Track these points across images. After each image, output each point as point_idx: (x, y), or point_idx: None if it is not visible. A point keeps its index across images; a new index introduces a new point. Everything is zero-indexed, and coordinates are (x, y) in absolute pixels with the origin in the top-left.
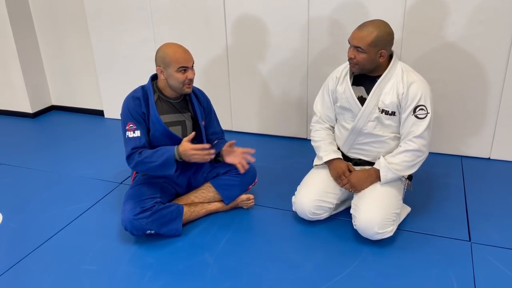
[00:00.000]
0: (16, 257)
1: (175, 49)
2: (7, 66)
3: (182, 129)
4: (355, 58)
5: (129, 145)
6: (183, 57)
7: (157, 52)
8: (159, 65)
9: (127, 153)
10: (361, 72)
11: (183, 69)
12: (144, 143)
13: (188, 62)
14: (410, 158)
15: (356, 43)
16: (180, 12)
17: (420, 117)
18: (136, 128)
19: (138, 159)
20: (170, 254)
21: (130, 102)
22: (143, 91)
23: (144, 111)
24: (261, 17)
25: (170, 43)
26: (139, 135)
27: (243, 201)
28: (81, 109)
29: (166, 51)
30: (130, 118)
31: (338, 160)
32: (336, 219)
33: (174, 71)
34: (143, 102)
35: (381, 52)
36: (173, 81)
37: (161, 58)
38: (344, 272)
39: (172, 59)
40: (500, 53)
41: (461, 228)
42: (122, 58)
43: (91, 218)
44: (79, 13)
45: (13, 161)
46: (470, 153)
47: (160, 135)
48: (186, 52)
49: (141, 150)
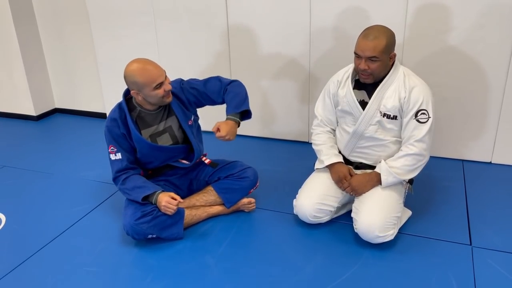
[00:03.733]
0: (18, 258)
1: (142, 70)
2: (11, 69)
3: (170, 134)
4: (369, 69)
5: (113, 168)
6: (154, 75)
7: (125, 76)
8: (132, 88)
9: (113, 176)
10: (375, 81)
11: (159, 86)
12: (126, 165)
13: (161, 78)
14: (411, 162)
15: (371, 53)
16: (182, 15)
17: (421, 121)
18: (117, 151)
19: (121, 187)
20: (172, 256)
21: (109, 123)
22: (119, 110)
23: (124, 131)
24: (263, 21)
25: (134, 63)
26: (121, 157)
27: (244, 205)
28: (84, 112)
29: (134, 75)
30: (110, 141)
31: (339, 164)
32: (337, 222)
33: (150, 91)
34: (121, 123)
35: (391, 55)
36: (152, 98)
37: (132, 83)
38: (344, 275)
39: (145, 81)
40: (502, 57)
41: (462, 232)
42: (125, 61)
43: (93, 220)
44: (83, 16)
45: (17, 163)
46: (471, 157)
47: (148, 151)
48: (154, 68)
49: (125, 177)
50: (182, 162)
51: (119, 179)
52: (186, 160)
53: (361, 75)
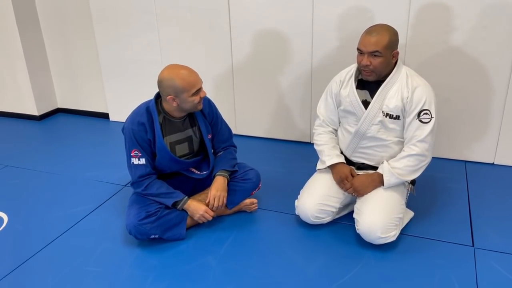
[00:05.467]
0: (20, 258)
1: (182, 75)
2: (14, 69)
3: (189, 145)
4: (371, 65)
5: (135, 173)
6: (194, 81)
7: (163, 80)
8: (169, 93)
9: (133, 180)
10: (377, 79)
11: (196, 92)
12: (149, 171)
13: (199, 83)
14: (413, 162)
15: (373, 48)
16: (185, 16)
17: (424, 122)
18: (141, 156)
19: (143, 192)
20: (173, 256)
21: (135, 127)
22: (147, 114)
23: (150, 137)
24: (266, 22)
25: (173, 68)
26: (144, 162)
27: (246, 205)
28: (86, 112)
29: (173, 79)
30: (135, 145)
31: (341, 164)
32: (339, 223)
33: (188, 96)
34: (149, 128)
35: (394, 53)
36: (188, 104)
37: (170, 87)
38: (346, 276)
39: (185, 87)
40: (504, 58)
41: (464, 233)
42: (128, 61)
43: (95, 220)
44: (85, 16)
45: (19, 163)
46: (474, 158)
47: (167, 162)
48: (193, 74)
49: (148, 182)
50: (193, 171)
51: (142, 184)
52: (196, 169)
53: (363, 72)
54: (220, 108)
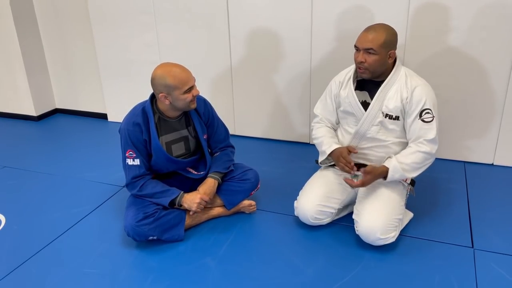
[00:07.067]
0: (18, 259)
1: (174, 72)
2: (12, 69)
3: (185, 144)
4: (365, 62)
5: (129, 174)
6: (186, 78)
7: (155, 78)
8: (161, 91)
9: (127, 181)
10: (371, 77)
11: (189, 90)
12: (143, 172)
13: (192, 81)
14: (420, 160)
15: (368, 45)
16: (184, 16)
17: (426, 121)
18: (135, 157)
19: (138, 193)
20: (172, 258)
21: (130, 127)
22: (143, 114)
23: (146, 138)
24: (265, 22)
25: (165, 66)
26: (139, 163)
27: (245, 207)
28: (84, 112)
29: (165, 77)
30: (130, 145)
31: (339, 147)
32: (338, 224)
33: (180, 94)
34: (144, 128)
35: (390, 53)
36: (180, 102)
37: (162, 85)
38: (346, 278)
39: (177, 84)
40: (504, 58)
41: (464, 234)
42: (126, 61)
43: (93, 221)
44: (84, 17)
45: (17, 164)
46: (473, 158)
47: (163, 161)
48: (185, 71)
49: (142, 183)
50: (190, 171)
51: (136, 185)
52: (193, 169)
53: (358, 70)
54: (219, 108)
